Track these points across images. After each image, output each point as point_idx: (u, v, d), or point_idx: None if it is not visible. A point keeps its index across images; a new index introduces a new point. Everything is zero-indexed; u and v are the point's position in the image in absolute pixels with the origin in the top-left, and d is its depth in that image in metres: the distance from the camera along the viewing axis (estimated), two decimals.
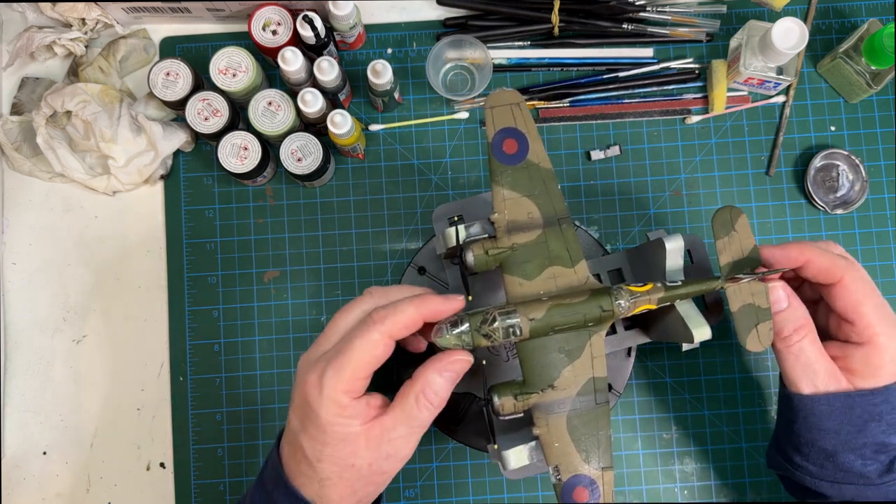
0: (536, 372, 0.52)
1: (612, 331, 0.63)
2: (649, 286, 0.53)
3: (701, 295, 0.55)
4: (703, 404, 0.72)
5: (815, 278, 0.56)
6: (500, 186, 0.53)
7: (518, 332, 0.51)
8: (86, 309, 0.75)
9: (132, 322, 0.74)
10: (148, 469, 0.73)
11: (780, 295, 0.55)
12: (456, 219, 0.55)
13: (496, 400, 0.52)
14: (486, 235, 0.54)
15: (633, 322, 0.63)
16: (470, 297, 0.52)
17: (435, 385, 0.50)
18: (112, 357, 0.74)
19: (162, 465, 0.73)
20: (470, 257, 0.53)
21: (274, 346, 0.73)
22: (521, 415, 0.53)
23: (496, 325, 0.50)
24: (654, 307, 0.53)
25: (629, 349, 0.64)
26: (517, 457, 0.55)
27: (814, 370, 0.55)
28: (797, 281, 0.58)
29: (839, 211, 0.73)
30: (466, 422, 0.63)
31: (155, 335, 0.74)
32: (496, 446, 0.54)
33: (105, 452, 0.73)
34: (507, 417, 0.53)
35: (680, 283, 0.53)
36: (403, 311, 0.49)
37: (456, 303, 0.51)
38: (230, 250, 0.75)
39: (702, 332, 0.56)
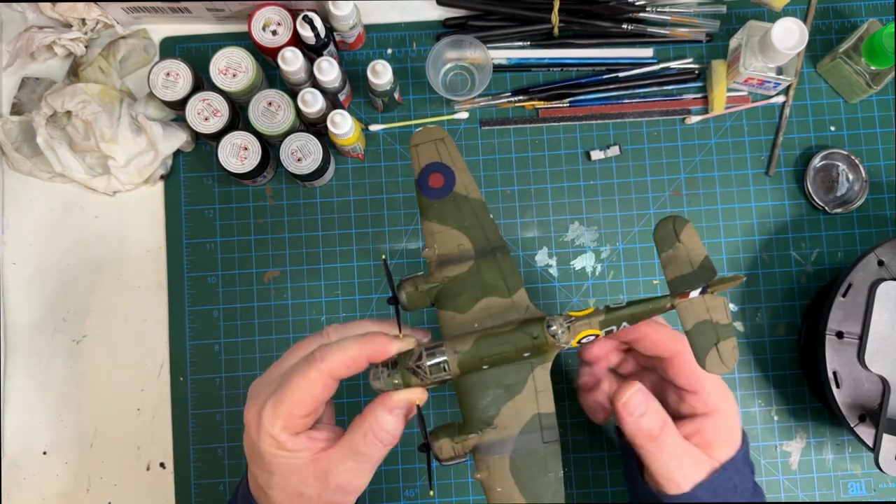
0: (474, 411, 0.49)
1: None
2: (590, 310, 0.50)
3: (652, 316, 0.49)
4: None
5: (653, 350, 0.54)
6: (428, 221, 0.53)
7: (446, 368, 0.48)
8: (85, 309, 0.75)
9: (132, 322, 0.74)
10: (148, 469, 0.73)
11: (640, 398, 0.51)
12: (384, 257, 0.58)
13: (434, 444, 0.49)
14: (420, 273, 0.53)
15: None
16: (402, 335, 0.50)
17: (384, 422, 0.48)
18: (112, 357, 0.74)
19: (162, 465, 0.73)
20: (403, 296, 0.52)
21: (274, 346, 0.73)
22: (465, 459, 0.49)
23: (422, 361, 0.48)
24: (598, 332, 0.49)
25: None
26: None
27: (689, 457, 0.52)
28: (623, 354, 0.58)
29: (839, 211, 0.73)
30: None
31: (155, 335, 0.74)
32: (431, 493, 0.52)
33: (105, 452, 0.73)
34: (449, 463, 0.49)
35: (625, 303, 0.49)
36: (345, 349, 0.48)
37: (403, 343, 0.49)
38: (230, 250, 0.75)
39: None
